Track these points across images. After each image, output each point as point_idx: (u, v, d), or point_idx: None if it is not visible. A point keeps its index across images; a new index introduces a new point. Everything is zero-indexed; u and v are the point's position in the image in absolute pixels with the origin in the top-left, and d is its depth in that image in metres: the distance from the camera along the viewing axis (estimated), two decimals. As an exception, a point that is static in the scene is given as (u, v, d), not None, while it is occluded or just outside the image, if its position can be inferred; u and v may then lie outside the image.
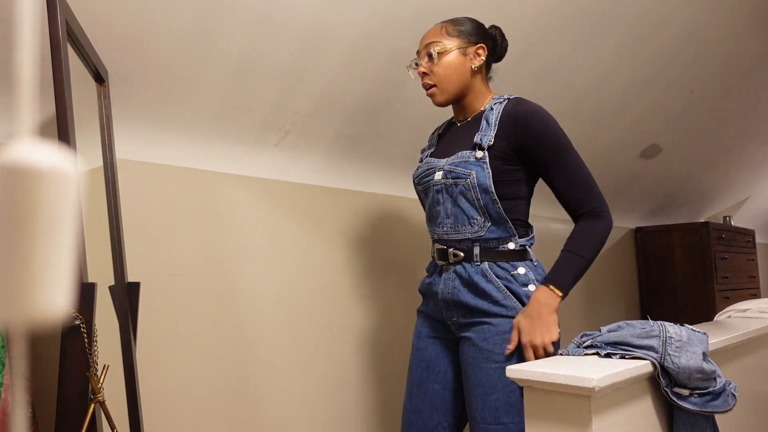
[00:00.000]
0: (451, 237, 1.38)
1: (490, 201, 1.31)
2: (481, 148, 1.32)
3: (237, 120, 1.73)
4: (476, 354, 1.32)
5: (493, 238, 1.34)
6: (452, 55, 1.37)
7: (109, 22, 1.35)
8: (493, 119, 1.35)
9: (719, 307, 3.54)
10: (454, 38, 1.38)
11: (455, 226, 1.37)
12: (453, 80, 1.38)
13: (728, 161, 3.88)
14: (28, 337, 1.23)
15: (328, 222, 2.04)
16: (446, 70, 1.38)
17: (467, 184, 1.32)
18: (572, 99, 2.49)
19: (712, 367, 1.17)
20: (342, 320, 2.04)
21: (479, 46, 1.39)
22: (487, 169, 1.31)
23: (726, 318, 2.10)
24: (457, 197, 1.35)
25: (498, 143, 1.32)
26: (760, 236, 5.36)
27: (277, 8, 1.52)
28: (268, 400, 1.81)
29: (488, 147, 1.32)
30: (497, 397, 1.28)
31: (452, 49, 1.37)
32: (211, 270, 1.71)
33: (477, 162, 1.32)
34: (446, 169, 1.37)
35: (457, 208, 1.35)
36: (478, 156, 1.32)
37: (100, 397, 1.07)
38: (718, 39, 2.56)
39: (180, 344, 1.62)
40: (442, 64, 1.38)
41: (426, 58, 1.40)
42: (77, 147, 1.13)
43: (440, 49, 1.37)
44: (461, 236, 1.36)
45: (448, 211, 1.38)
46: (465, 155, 1.34)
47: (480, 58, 1.39)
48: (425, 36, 1.42)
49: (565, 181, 1.32)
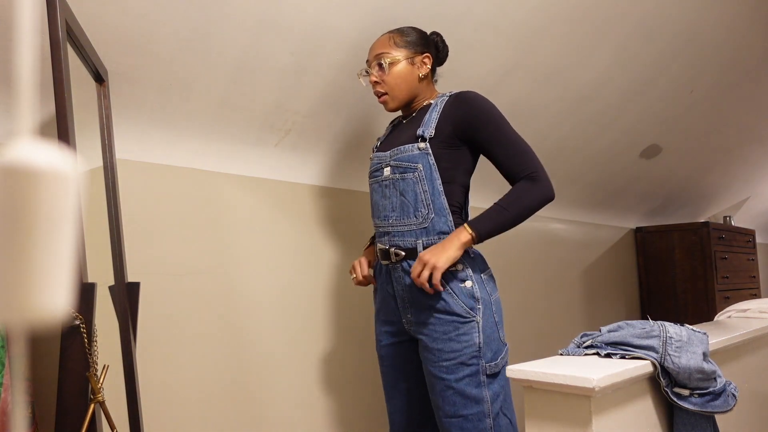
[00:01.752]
0: (396, 229, 1.44)
1: (437, 192, 1.39)
2: (423, 139, 1.40)
3: (237, 120, 1.73)
4: (428, 356, 1.39)
5: (436, 231, 1.39)
6: (401, 65, 1.47)
7: (109, 22, 1.35)
8: (435, 113, 1.44)
9: (719, 307, 3.54)
10: (402, 49, 1.48)
11: (401, 218, 1.43)
12: (403, 88, 1.48)
13: (728, 161, 3.88)
14: (28, 337, 1.23)
15: (328, 222, 2.04)
16: (396, 79, 1.47)
17: (415, 177, 1.40)
18: (572, 99, 2.49)
19: (712, 367, 1.17)
20: (342, 320, 2.04)
21: (425, 55, 1.50)
22: (432, 160, 1.39)
23: (726, 318, 2.10)
24: (404, 190, 1.42)
25: (440, 128, 1.41)
26: (760, 236, 5.36)
27: (278, 9, 1.52)
28: (267, 400, 1.81)
29: (430, 138, 1.40)
30: (452, 393, 1.35)
31: (401, 60, 1.47)
32: (211, 270, 1.71)
33: (421, 153, 1.40)
34: (392, 164, 1.44)
35: (404, 200, 1.42)
36: (421, 147, 1.40)
37: (100, 397, 1.07)
38: (718, 39, 2.56)
39: (180, 344, 1.62)
40: (392, 73, 1.47)
41: (377, 68, 1.49)
42: (77, 147, 1.13)
43: (390, 60, 1.47)
44: (406, 228, 1.42)
45: (394, 204, 1.44)
46: (408, 148, 1.42)
47: (426, 67, 1.50)
48: (374, 46, 1.51)
49: (503, 151, 1.39)
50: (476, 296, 1.37)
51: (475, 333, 1.35)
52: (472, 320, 1.36)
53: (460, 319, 1.36)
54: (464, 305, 1.36)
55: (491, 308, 1.39)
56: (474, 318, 1.36)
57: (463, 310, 1.36)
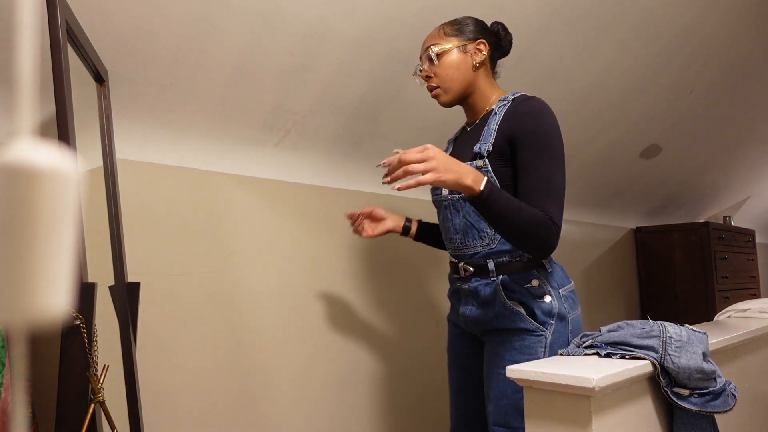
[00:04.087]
0: (463, 252, 1.37)
1: None
2: (481, 156, 1.29)
3: (237, 120, 1.73)
4: (490, 359, 1.35)
5: (506, 250, 1.32)
6: (452, 54, 1.36)
7: (109, 22, 1.35)
8: (494, 124, 1.31)
9: (719, 307, 3.54)
10: (452, 37, 1.37)
11: (465, 240, 1.36)
12: (456, 78, 1.36)
13: (728, 161, 3.88)
14: (28, 337, 1.23)
15: (328, 222, 2.04)
16: (447, 70, 1.36)
17: None
18: (572, 99, 2.49)
19: (712, 367, 1.17)
20: (342, 320, 2.04)
21: (479, 41, 1.37)
22: (493, 178, 1.28)
23: (726, 318, 2.10)
24: (465, 212, 1.34)
25: (497, 143, 1.28)
26: (760, 236, 5.36)
27: (278, 8, 1.52)
28: (267, 400, 1.81)
29: (488, 153, 1.29)
30: (506, 402, 1.30)
31: (451, 49, 1.36)
32: (211, 270, 1.71)
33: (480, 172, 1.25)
34: None
35: (466, 222, 1.34)
36: (479, 165, 1.29)
37: (100, 397, 1.07)
38: (718, 39, 2.56)
39: (180, 344, 1.62)
40: (443, 64, 1.36)
41: (427, 62, 1.39)
42: (77, 147, 1.13)
43: (439, 50, 1.36)
44: (472, 250, 1.35)
45: (457, 227, 1.37)
46: None
47: (481, 54, 1.37)
48: (425, 41, 1.42)
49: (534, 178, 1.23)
50: (553, 312, 1.30)
51: (540, 348, 1.28)
52: (541, 335, 1.29)
53: (528, 331, 1.30)
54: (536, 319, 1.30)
55: (567, 326, 1.32)
56: (543, 333, 1.29)
57: (531, 324, 1.30)
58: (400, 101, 2.01)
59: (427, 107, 2.09)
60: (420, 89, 2.00)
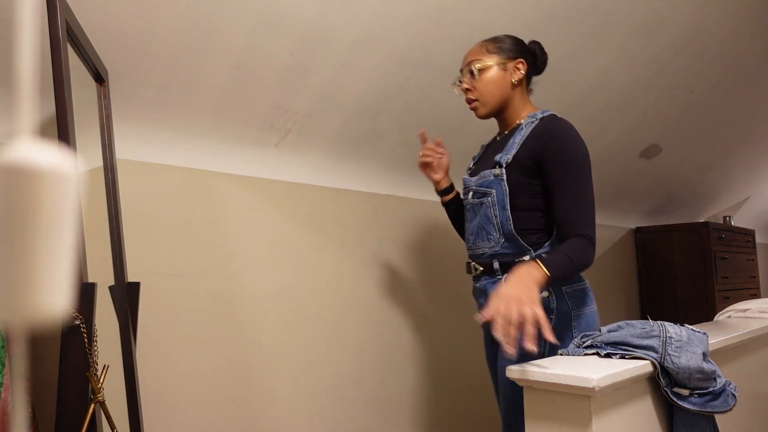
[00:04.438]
0: (474, 252, 1.49)
1: (505, 218, 1.39)
2: (500, 165, 1.40)
3: (237, 120, 1.73)
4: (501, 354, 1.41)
5: (508, 253, 1.40)
6: (493, 71, 1.45)
7: (109, 22, 1.35)
8: (519, 138, 1.41)
9: (719, 307, 3.54)
10: (493, 55, 1.45)
11: (476, 241, 1.47)
12: (494, 94, 1.45)
13: (728, 161, 3.88)
14: (28, 337, 1.23)
15: (328, 222, 2.04)
16: (487, 85, 1.45)
17: (488, 202, 1.42)
18: (572, 99, 2.49)
19: (712, 367, 1.17)
20: (342, 320, 2.04)
21: (519, 60, 1.46)
22: (505, 186, 1.38)
23: (726, 318, 2.10)
24: (481, 216, 1.45)
25: (519, 157, 1.38)
26: (760, 236, 5.36)
27: (277, 8, 1.52)
28: (267, 400, 1.81)
29: (506, 164, 1.39)
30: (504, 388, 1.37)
31: (492, 66, 1.45)
32: (211, 270, 1.71)
33: (495, 180, 1.40)
34: (473, 188, 1.48)
35: (479, 225, 1.45)
36: (496, 173, 1.40)
37: (100, 397, 1.07)
38: (718, 39, 2.56)
39: (180, 344, 1.62)
40: (483, 79, 1.45)
41: (468, 75, 1.48)
42: (77, 147, 1.13)
43: (481, 66, 1.45)
44: (480, 251, 1.46)
45: (473, 229, 1.48)
46: (486, 174, 1.43)
47: (520, 72, 1.46)
48: (467, 55, 1.50)
49: (567, 198, 1.33)
50: (551, 307, 1.33)
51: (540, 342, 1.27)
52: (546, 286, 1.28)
53: None
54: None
55: (570, 323, 1.34)
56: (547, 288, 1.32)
57: None
58: (400, 101, 2.01)
59: (426, 107, 2.09)
60: (420, 90, 2.00)
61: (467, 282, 2.54)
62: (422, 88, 2.00)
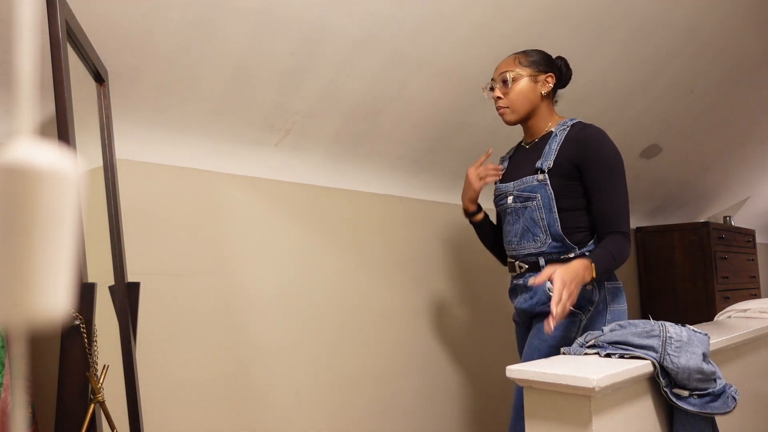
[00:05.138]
0: (519, 252, 1.58)
1: (552, 220, 1.49)
2: (542, 171, 1.51)
3: (237, 120, 1.73)
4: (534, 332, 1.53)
5: (555, 251, 1.50)
6: (524, 81, 1.56)
7: (109, 22, 1.35)
8: (555, 145, 1.52)
9: (719, 307, 3.53)
10: (526, 67, 1.56)
11: (521, 242, 1.56)
12: (524, 103, 1.56)
13: (728, 161, 3.88)
14: (28, 337, 1.23)
15: (328, 222, 2.04)
16: (518, 95, 1.56)
17: (533, 205, 1.52)
18: (573, 99, 2.49)
19: (712, 368, 1.17)
20: (342, 320, 2.04)
21: (548, 75, 1.57)
22: (549, 190, 1.49)
23: (726, 318, 2.10)
24: (525, 219, 1.54)
25: (559, 162, 1.49)
26: (760, 236, 5.36)
27: (278, 8, 1.52)
28: (268, 401, 1.81)
29: (548, 169, 1.50)
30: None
31: (524, 76, 1.56)
32: (211, 270, 1.71)
33: (540, 184, 1.51)
34: (515, 194, 1.57)
35: (524, 227, 1.54)
36: (539, 179, 1.51)
37: (100, 397, 1.07)
38: (718, 39, 2.56)
39: (180, 344, 1.62)
40: (515, 89, 1.56)
41: (501, 84, 1.57)
42: (77, 147, 1.13)
43: (514, 76, 1.56)
44: (526, 251, 1.55)
45: (516, 231, 1.57)
46: (529, 180, 1.54)
47: (549, 85, 1.57)
48: (500, 65, 1.60)
49: (604, 198, 1.46)
50: (592, 299, 1.46)
51: (574, 328, 1.44)
52: (577, 317, 1.45)
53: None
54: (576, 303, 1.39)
55: (605, 315, 1.46)
56: (579, 315, 1.45)
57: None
58: (400, 101, 2.01)
59: (426, 107, 2.09)
60: (420, 90, 2.00)
61: (468, 280, 2.54)
62: (422, 88, 2.00)
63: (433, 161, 2.33)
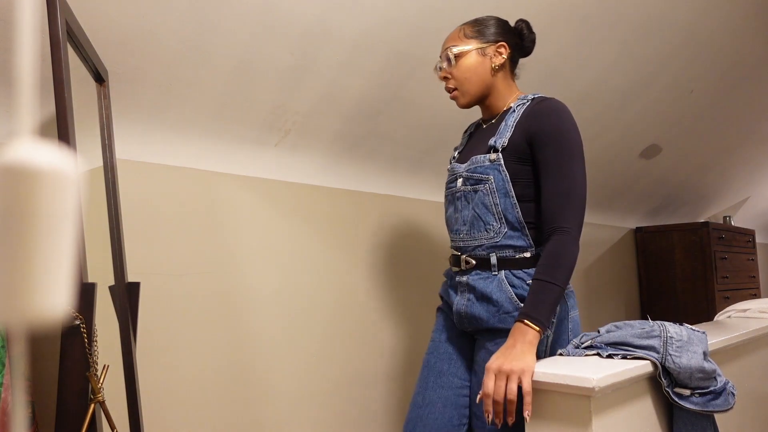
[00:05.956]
0: (468, 244, 1.35)
1: (510, 205, 1.28)
2: (495, 150, 1.30)
3: (237, 120, 1.73)
4: (486, 357, 1.28)
5: (509, 245, 1.29)
6: (470, 56, 1.36)
7: (109, 22, 1.35)
8: (512, 121, 1.32)
9: (719, 307, 3.54)
10: (471, 39, 1.37)
11: (470, 232, 1.34)
12: (473, 82, 1.37)
13: (728, 161, 3.88)
14: (28, 337, 1.23)
15: (328, 222, 2.04)
16: (465, 73, 1.36)
17: (486, 189, 1.30)
18: (572, 99, 2.49)
19: (712, 366, 1.17)
20: (342, 320, 2.04)
21: (500, 44, 1.36)
22: (504, 172, 1.28)
23: (726, 318, 2.10)
24: (475, 204, 1.32)
25: (514, 139, 1.28)
26: (760, 236, 5.36)
27: (278, 8, 1.52)
28: (268, 400, 1.81)
29: (503, 148, 1.29)
30: None
31: (469, 51, 1.36)
32: (211, 270, 1.71)
33: (492, 165, 1.29)
34: (465, 175, 1.35)
35: (474, 214, 1.33)
36: (492, 159, 1.29)
37: (100, 397, 1.07)
38: (718, 39, 2.56)
39: (180, 344, 1.62)
40: (460, 66, 1.36)
41: (446, 62, 1.38)
42: (77, 147, 1.13)
43: (457, 51, 1.36)
44: (477, 242, 1.33)
45: (465, 218, 1.35)
46: (480, 159, 1.32)
47: (501, 57, 1.36)
48: (445, 39, 1.41)
49: (552, 184, 1.24)
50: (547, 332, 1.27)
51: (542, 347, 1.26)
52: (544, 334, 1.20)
53: None
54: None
55: (567, 326, 1.30)
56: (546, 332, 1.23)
57: None
58: (400, 101, 2.01)
59: (427, 107, 2.09)
60: (420, 90, 2.00)
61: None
62: (422, 87, 2.00)
63: (433, 161, 2.33)
